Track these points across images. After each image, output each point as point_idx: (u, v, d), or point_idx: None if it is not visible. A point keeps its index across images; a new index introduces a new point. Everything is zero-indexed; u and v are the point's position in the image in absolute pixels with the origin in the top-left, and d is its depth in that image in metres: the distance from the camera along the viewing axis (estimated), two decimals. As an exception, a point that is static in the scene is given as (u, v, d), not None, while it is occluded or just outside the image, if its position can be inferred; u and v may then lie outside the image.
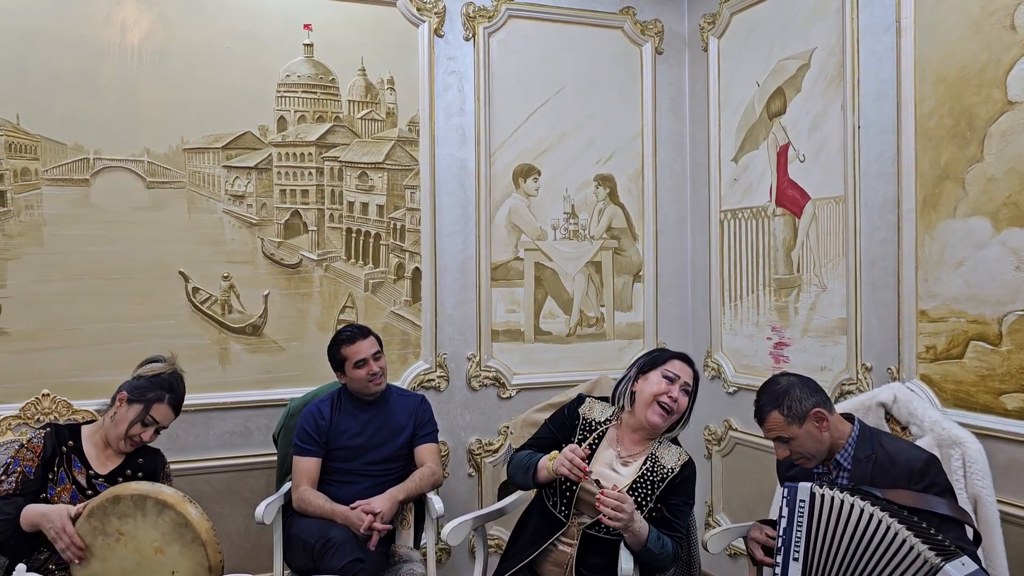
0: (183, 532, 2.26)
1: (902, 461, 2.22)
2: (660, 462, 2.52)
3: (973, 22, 2.65)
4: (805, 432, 2.25)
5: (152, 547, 2.27)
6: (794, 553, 2.16)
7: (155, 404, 2.52)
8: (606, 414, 2.66)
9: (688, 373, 2.59)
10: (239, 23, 3.36)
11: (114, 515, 2.28)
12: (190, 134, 3.31)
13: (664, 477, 2.50)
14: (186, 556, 2.27)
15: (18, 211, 3.09)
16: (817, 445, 2.27)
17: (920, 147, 2.84)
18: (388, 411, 3.03)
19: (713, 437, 3.94)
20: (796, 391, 2.28)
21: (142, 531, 2.27)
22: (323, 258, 3.52)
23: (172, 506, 2.27)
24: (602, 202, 4.00)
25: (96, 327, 3.16)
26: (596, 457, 2.57)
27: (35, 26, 3.08)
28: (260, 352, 3.42)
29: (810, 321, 3.38)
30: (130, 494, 2.28)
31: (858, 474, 2.25)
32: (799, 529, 2.16)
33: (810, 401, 2.26)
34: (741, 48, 3.74)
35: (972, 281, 2.67)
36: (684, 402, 2.57)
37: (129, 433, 2.49)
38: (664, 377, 2.56)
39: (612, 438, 2.60)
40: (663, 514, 2.48)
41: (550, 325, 3.92)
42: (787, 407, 2.26)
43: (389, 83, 3.60)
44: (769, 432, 2.32)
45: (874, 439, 2.31)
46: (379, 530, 2.71)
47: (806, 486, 2.19)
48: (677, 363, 2.60)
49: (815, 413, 2.25)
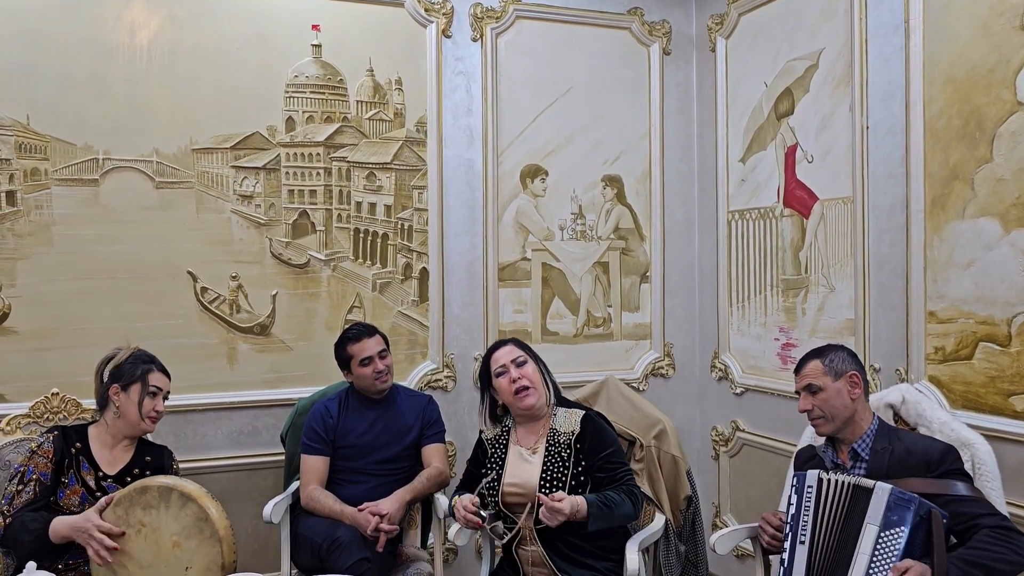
0: (203, 527, 2.29)
1: (919, 451, 2.25)
2: (557, 431, 2.63)
3: (982, 23, 2.64)
4: (836, 388, 2.31)
5: (171, 540, 2.30)
6: (800, 537, 2.21)
7: (148, 375, 2.54)
8: (498, 428, 2.77)
9: (507, 352, 2.69)
10: (248, 24, 3.37)
11: (139, 505, 2.31)
12: (199, 134, 3.32)
13: (568, 443, 2.60)
14: (202, 551, 2.29)
15: (28, 211, 3.10)
16: (842, 407, 2.31)
17: (929, 148, 2.83)
18: (395, 411, 3.03)
19: (720, 438, 3.93)
20: (842, 353, 2.39)
21: (164, 523, 2.30)
22: (331, 258, 3.53)
23: (195, 499, 2.30)
24: (609, 203, 4.00)
25: (105, 326, 3.17)
26: (508, 461, 2.66)
27: (45, 27, 3.10)
28: (268, 352, 3.43)
29: (818, 322, 3.37)
30: (157, 485, 2.32)
31: (875, 465, 2.27)
32: (806, 514, 2.22)
33: (851, 364, 2.36)
34: (749, 49, 3.73)
35: (981, 282, 2.66)
36: (529, 370, 2.66)
37: (143, 412, 2.51)
38: (497, 376, 2.67)
39: (514, 440, 2.70)
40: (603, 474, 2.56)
41: (557, 325, 3.92)
42: (829, 359, 2.36)
43: (397, 84, 3.61)
44: (802, 379, 2.37)
45: (892, 433, 2.35)
46: (386, 531, 2.71)
47: (814, 473, 2.26)
48: (496, 355, 2.70)
49: (852, 375, 2.33)
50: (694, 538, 2.93)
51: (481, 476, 2.68)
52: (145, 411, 2.51)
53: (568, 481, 2.54)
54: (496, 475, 2.63)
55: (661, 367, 4.07)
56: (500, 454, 2.69)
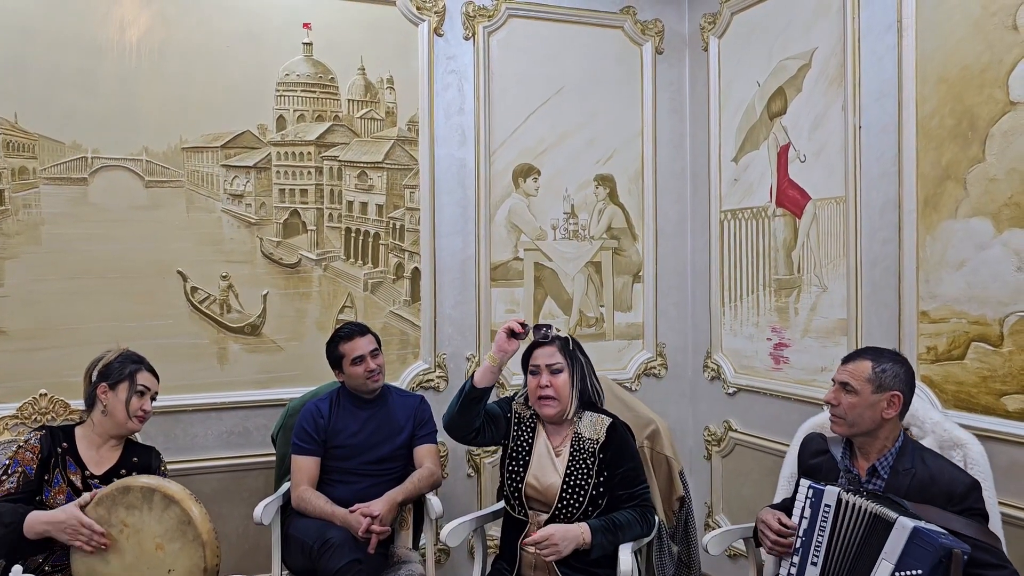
0: (185, 530, 2.27)
1: (944, 481, 2.13)
2: (582, 436, 2.59)
3: (974, 22, 2.64)
4: (872, 400, 2.18)
5: (154, 542, 2.28)
6: (813, 558, 2.12)
7: (136, 374, 2.54)
8: (530, 411, 2.73)
9: (548, 353, 2.61)
10: (238, 22, 3.35)
11: (122, 505, 2.29)
12: (189, 133, 3.29)
13: (592, 450, 2.56)
14: (184, 555, 2.27)
15: (16, 210, 3.07)
16: (869, 420, 2.19)
17: (921, 147, 2.83)
18: (387, 411, 3.02)
19: (713, 438, 3.93)
20: (899, 368, 2.22)
21: (146, 525, 2.28)
22: (322, 258, 3.51)
23: (178, 502, 2.28)
24: (602, 202, 3.99)
25: (94, 326, 3.14)
26: (534, 450, 2.63)
27: (33, 24, 3.07)
28: (259, 352, 3.41)
29: (810, 322, 3.37)
30: (140, 486, 2.30)
31: (894, 485, 2.17)
32: (821, 534, 2.12)
33: (901, 384, 2.20)
34: (742, 48, 3.73)
35: (973, 282, 2.66)
36: (560, 381, 2.59)
37: (131, 411, 2.50)
38: (531, 374, 2.64)
39: (540, 432, 2.68)
40: (619, 490, 2.54)
41: (550, 325, 3.91)
42: (882, 368, 2.20)
43: (388, 82, 3.59)
44: (843, 373, 2.25)
45: (916, 454, 2.23)
46: (378, 533, 2.70)
47: (833, 490, 2.14)
48: (537, 352, 2.64)
49: (894, 396, 2.19)
50: (687, 539, 2.93)
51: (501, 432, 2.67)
52: (132, 410, 2.50)
53: (589, 491, 2.53)
54: (521, 464, 2.61)
55: (653, 367, 4.07)
56: (527, 438, 2.65)
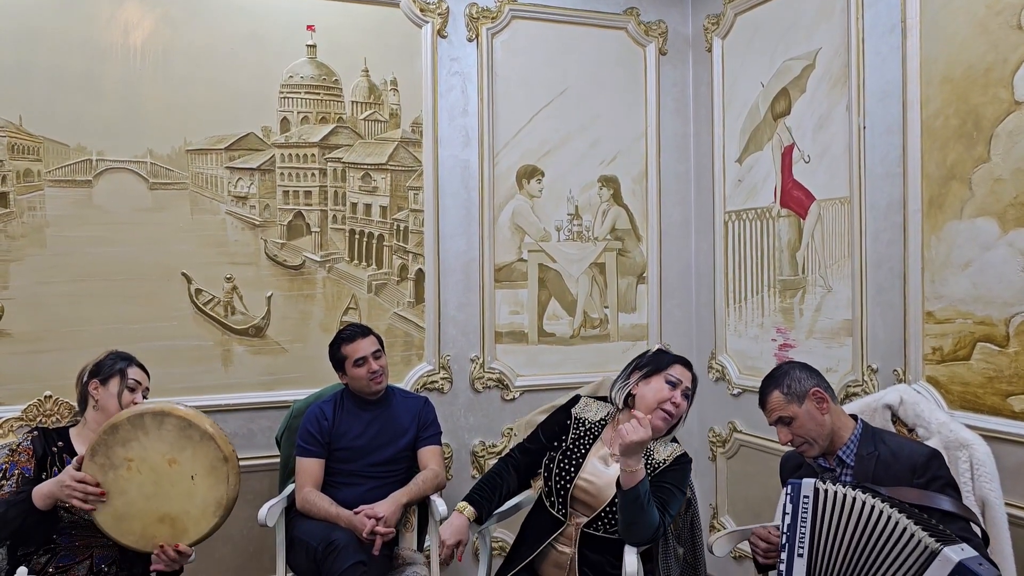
0: (190, 433, 2.28)
1: (904, 456, 2.23)
2: (652, 456, 2.55)
3: (979, 22, 2.63)
4: (805, 412, 2.29)
5: (165, 460, 2.29)
6: (798, 549, 2.15)
7: (127, 370, 2.56)
8: (600, 414, 2.68)
9: (688, 377, 2.60)
10: (242, 24, 3.35)
11: (117, 444, 2.29)
12: (193, 135, 3.30)
13: (655, 468, 2.52)
14: (200, 456, 2.29)
15: (21, 212, 3.08)
16: (818, 428, 2.29)
17: (926, 148, 2.82)
18: (391, 413, 3.02)
19: (718, 439, 3.92)
20: (796, 372, 2.35)
21: (150, 448, 2.29)
22: (326, 259, 3.51)
23: (169, 413, 2.30)
24: (606, 203, 3.99)
25: (99, 329, 3.15)
26: (590, 454, 2.58)
27: (38, 27, 3.08)
28: (263, 354, 3.41)
29: (815, 323, 3.36)
30: (125, 418, 2.30)
31: (861, 471, 2.26)
32: (803, 525, 2.15)
33: (810, 382, 2.32)
34: (745, 49, 3.73)
35: (979, 282, 2.65)
36: (685, 406, 2.58)
37: (123, 405, 2.51)
38: (667, 383, 2.56)
39: (606, 439, 2.60)
40: (653, 485, 2.48)
41: (554, 327, 3.90)
42: (787, 386, 2.32)
43: (392, 84, 3.59)
44: (771, 414, 2.35)
45: (876, 437, 2.33)
46: (382, 534, 2.69)
47: (810, 482, 2.19)
48: (678, 367, 2.60)
49: (814, 393, 2.30)
50: (692, 540, 2.92)
51: (543, 451, 2.62)
52: (124, 404, 2.51)
53: None
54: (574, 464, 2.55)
55: (658, 368, 4.06)
56: (587, 441, 2.60)
